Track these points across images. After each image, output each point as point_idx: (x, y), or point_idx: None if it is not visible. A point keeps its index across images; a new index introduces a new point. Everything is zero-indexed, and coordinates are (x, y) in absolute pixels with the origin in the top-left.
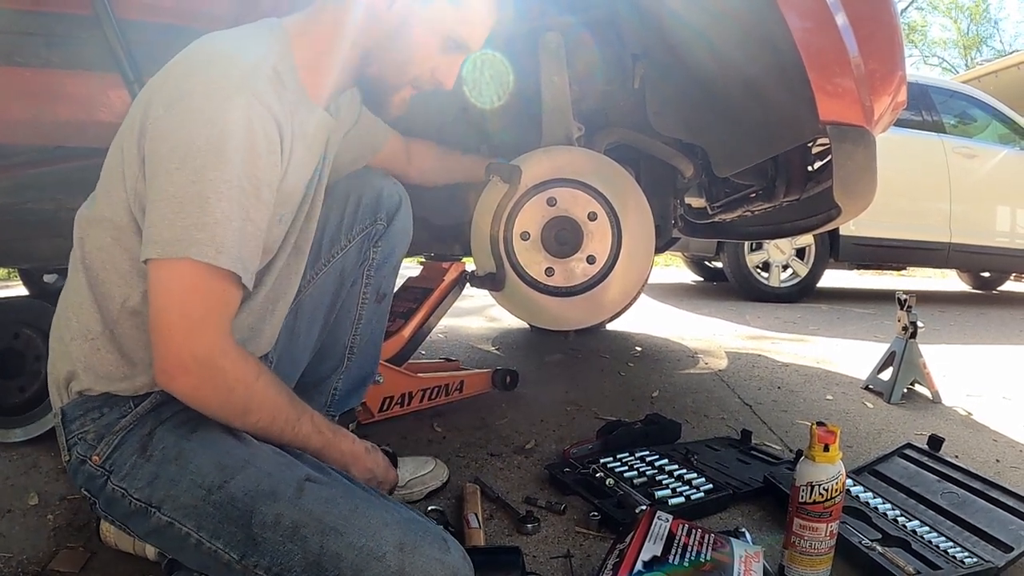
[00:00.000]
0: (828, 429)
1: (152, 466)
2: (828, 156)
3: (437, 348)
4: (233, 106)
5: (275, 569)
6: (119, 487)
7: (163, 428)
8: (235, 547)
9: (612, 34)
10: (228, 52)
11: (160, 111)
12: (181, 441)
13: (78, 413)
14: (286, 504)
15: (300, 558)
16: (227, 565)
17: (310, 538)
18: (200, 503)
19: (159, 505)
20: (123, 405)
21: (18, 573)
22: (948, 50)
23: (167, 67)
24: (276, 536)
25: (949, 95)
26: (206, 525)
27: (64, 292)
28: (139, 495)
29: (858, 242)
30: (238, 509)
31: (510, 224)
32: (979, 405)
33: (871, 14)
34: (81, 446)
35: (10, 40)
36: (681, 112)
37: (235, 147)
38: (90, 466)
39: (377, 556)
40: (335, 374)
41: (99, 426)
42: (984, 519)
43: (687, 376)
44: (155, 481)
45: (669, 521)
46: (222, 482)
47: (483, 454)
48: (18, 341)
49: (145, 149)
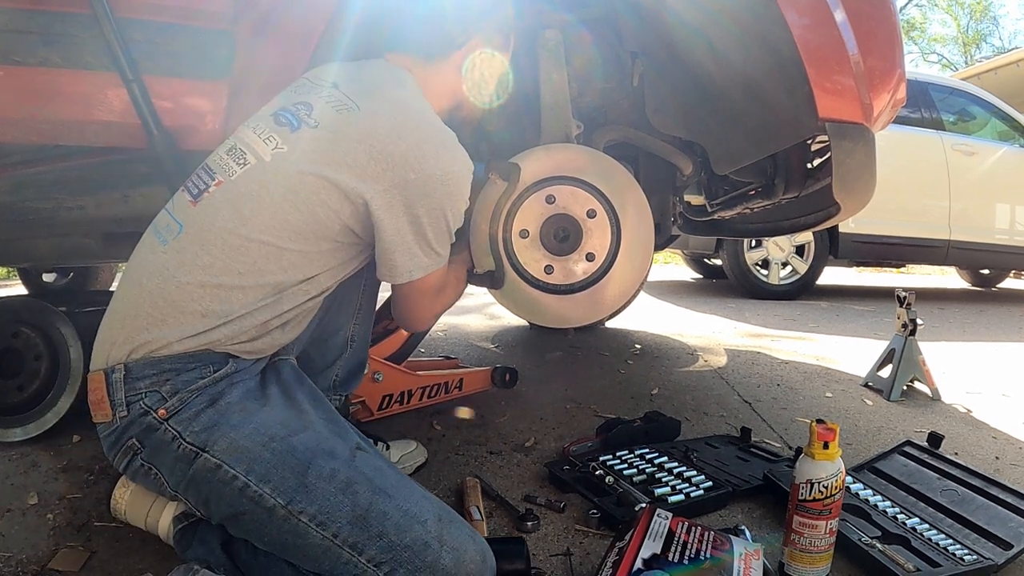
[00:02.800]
0: (827, 426)
1: (215, 414)
2: (827, 153)
3: (437, 346)
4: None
5: (320, 517)
6: (173, 429)
7: (235, 388)
8: (284, 492)
9: (610, 32)
10: (429, 119)
11: (411, 175)
12: (247, 401)
13: (150, 371)
14: (343, 463)
15: (348, 511)
16: (270, 510)
17: (361, 494)
18: (259, 448)
19: (211, 448)
20: (204, 368)
21: (17, 572)
22: (947, 47)
23: (373, 123)
24: (330, 487)
25: (948, 92)
26: (257, 469)
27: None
28: (192, 438)
29: (857, 239)
30: (296, 459)
31: (509, 222)
32: (978, 402)
33: (870, 11)
34: (151, 398)
35: (8, 38)
36: (680, 110)
37: (460, 199)
38: (152, 417)
39: (420, 520)
40: (338, 362)
41: (176, 383)
42: (984, 516)
43: (686, 374)
44: (214, 426)
45: (669, 519)
46: (285, 435)
47: (483, 452)
48: (17, 340)
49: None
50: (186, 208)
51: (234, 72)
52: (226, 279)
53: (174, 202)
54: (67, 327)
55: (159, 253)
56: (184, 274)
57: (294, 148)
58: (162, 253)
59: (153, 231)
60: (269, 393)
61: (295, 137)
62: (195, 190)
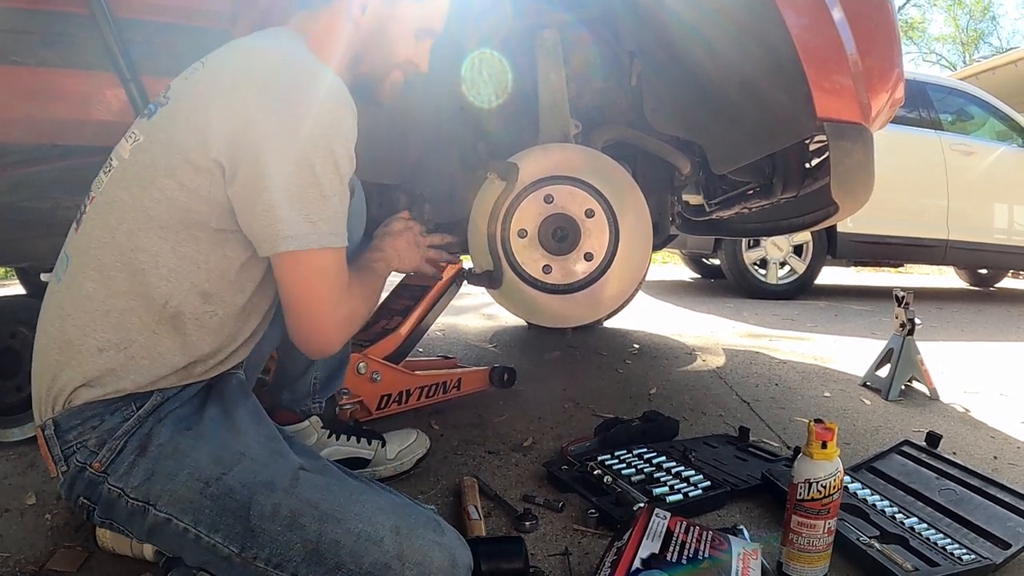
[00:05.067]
0: (826, 426)
1: (149, 463)
2: (825, 153)
3: (435, 346)
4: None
5: (275, 560)
6: (115, 487)
7: (161, 425)
8: (234, 540)
9: (609, 32)
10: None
11: (256, 115)
12: (177, 436)
13: (74, 422)
14: (283, 493)
15: (300, 547)
16: (227, 559)
17: (308, 526)
18: (197, 496)
19: (155, 502)
20: (125, 409)
21: (15, 572)
22: (946, 46)
23: (219, 73)
24: (275, 526)
25: (946, 92)
26: (203, 519)
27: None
28: (135, 494)
29: (856, 239)
30: (236, 501)
31: (507, 222)
32: (976, 402)
33: (868, 11)
34: (81, 454)
35: (7, 38)
36: (678, 109)
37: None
38: (90, 473)
39: (375, 541)
40: (314, 365)
41: (101, 432)
42: (982, 516)
43: (685, 373)
44: (152, 477)
45: (667, 518)
46: (220, 474)
47: (481, 452)
48: (15, 340)
49: (233, 154)
50: (71, 237)
51: None
52: (113, 302)
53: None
54: None
55: (55, 292)
56: (74, 309)
57: (149, 135)
58: (57, 292)
59: (54, 270)
60: (205, 416)
61: (151, 124)
62: (78, 215)
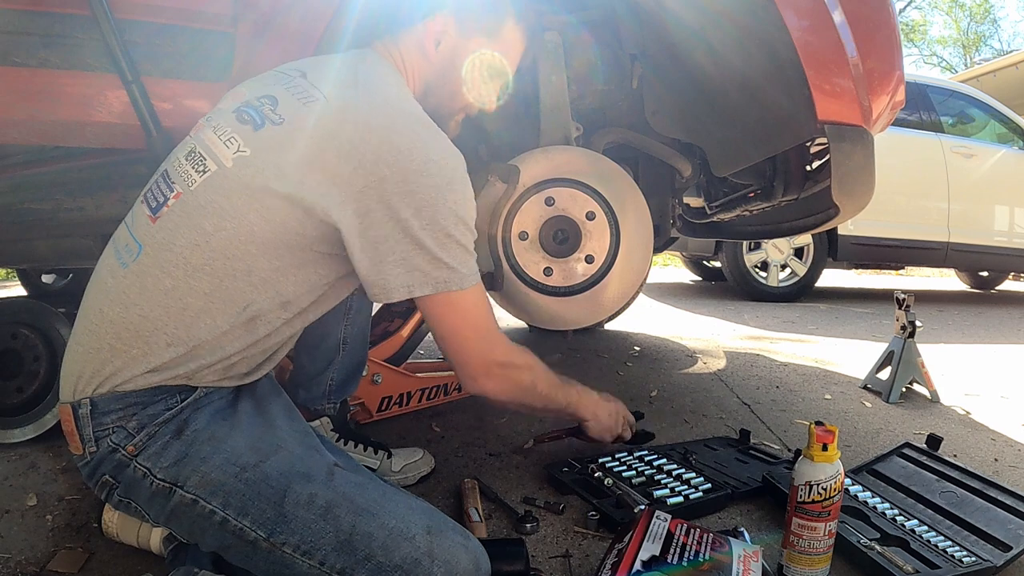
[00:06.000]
0: (826, 428)
1: (183, 446)
2: (826, 156)
3: (436, 347)
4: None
5: (304, 547)
6: (143, 466)
7: (198, 414)
8: (264, 525)
9: (610, 34)
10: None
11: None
12: (213, 425)
13: (116, 406)
14: (320, 484)
15: (331, 536)
16: (252, 543)
17: (342, 517)
18: (231, 480)
19: (184, 483)
20: (171, 399)
21: (16, 573)
22: (948, 49)
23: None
24: (309, 514)
25: (947, 94)
26: (233, 503)
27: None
28: (163, 474)
29: (856, 241)
30: (271, 487)
31: (508, 224)
32: (977, 404)
33: (869, 13)
34: (117, 435)
35: (8, 40)
36: (679, 112)
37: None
38: (122, 454)
39: (407, 537)
40: (331, 366)
41: (142, 417)
42: (983, 518)
43: (686, 376)
44: (184, 459)
45: (667, 520)
46: (257, 461)
47: (482, 454)
48: (16, 342)
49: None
50: (145, 225)
51: (234, 73)
52: (191, 301)
53: (134, 216)
54: (66, 328)
55: (119, 277)
56: (146, 301)
57: (257, 151)
58: (122, 277)
59: (113, 249)
60: (239, 410)
61: (257, 137)
62: (154, 203)
